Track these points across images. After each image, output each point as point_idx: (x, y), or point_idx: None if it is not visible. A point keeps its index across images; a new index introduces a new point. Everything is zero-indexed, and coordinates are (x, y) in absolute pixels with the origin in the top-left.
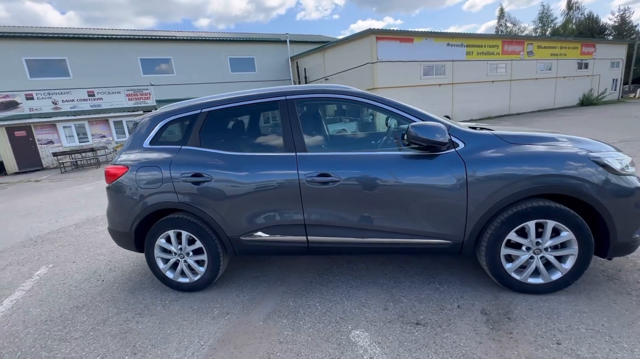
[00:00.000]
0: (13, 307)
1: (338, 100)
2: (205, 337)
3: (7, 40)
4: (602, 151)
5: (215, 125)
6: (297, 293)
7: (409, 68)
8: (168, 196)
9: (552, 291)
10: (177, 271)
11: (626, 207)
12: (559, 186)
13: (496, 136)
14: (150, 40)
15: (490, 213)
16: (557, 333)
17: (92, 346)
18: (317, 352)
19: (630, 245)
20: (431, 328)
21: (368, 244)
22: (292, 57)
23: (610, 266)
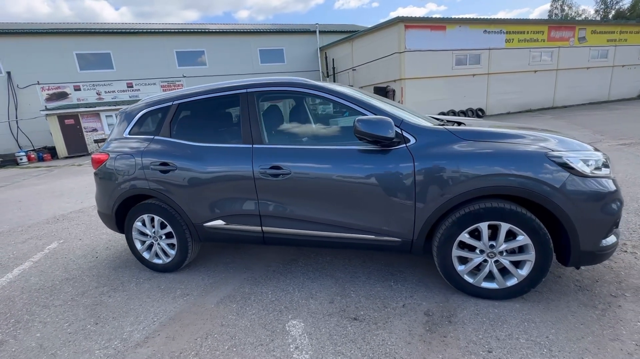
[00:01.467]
0: (19, 275)
1: (293, 93)
2: (160, 314)
3: (61, 36)
4: (566, 150)
5: (184, 116)
6: (256, 281)
7: (440, 58)
8: (141, 183)
9: (507, 298)
10: (152, 253)
11: (590, 212)
12: (509, 187)
13: (449, 132)
14: (185, 34)
15: (439, 213)
16: (493, 341)
17: (66, 314)
18: (250, 337)
19: (596, 254)
20: (366, 325)
21: (320, 237)
22: (321, 47)
23: (588, 276)
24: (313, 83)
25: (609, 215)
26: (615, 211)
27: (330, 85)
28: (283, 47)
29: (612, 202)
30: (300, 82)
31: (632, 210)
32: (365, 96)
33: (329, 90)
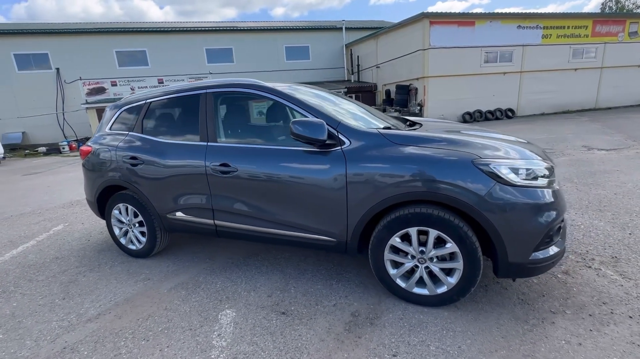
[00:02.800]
0: (21, 252)
1: (245, 94)
2: (118, 295)
3: (103, 35)
4: (498, 158)
5: (153, 114)
6: (212, 271)
7: (467, 55)
8: (116, 175)
9: (437, 305)
10: (127, 239)
11: (518, 223)
12: (433, 193)
13: (381, 135)
14: (215, 32)
15: (369, 215)
16: (403, 345)
17: (43, 288)
18: (184, 322)
19: (527, 266)
20: (291, 319)
21: (265, 234)
22: (346, 44)
23: (537, 290)
24: (261, 85)
25: (539, 227)
26: (545, 223)
27: (278, 87)
28: (309, 44)
29: (542, 214)
30: (250, 84)
31: (620, 224)
32: (311, 98)
33: (275, 91)
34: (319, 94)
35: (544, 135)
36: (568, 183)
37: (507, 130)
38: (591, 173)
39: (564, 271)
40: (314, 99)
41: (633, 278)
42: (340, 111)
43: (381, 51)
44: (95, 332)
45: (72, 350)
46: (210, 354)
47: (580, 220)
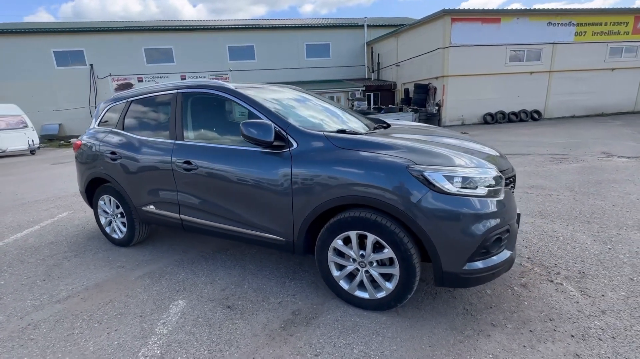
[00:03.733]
0: (24, 235)
1: (212, 95)
2: (91, 280)
3: (133, 33)
4: (434, 165)
5: (133, 112)
6: (180, 263)
7: (491, 54)
8: (99, 168)
9: (376, 309)
10: (111, 228)
11: (450, 232)
12: (368, 198)
13: (326, 137)
14: (237, 29)
15: (312, 217)
16: (328, 346)
17: (30, 270)
18: (138, 309)
19: (461, 277)
20: (233, 313)
21: (223, 230)
22: (367, 42)
23: (486, 301)
24: (223, 86)
25: (473, 237)
26: (480, 233)
27: (241, 90)
28: (329, 41)
29: (477, 224)
30: (214, 85)
31: (603, 238)
32: (268, 101)
33: (236, 93)
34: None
35: (564, 139)
36: (567, 192)
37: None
38: (597, 182)
39: (523, 283)
40: (273, 102)
41: (593, 295)
42: (303, 114)
43: (401, 49)
44: (60, 312)
45: (34, 327)
46: (149, 340)
47: (561, 231)
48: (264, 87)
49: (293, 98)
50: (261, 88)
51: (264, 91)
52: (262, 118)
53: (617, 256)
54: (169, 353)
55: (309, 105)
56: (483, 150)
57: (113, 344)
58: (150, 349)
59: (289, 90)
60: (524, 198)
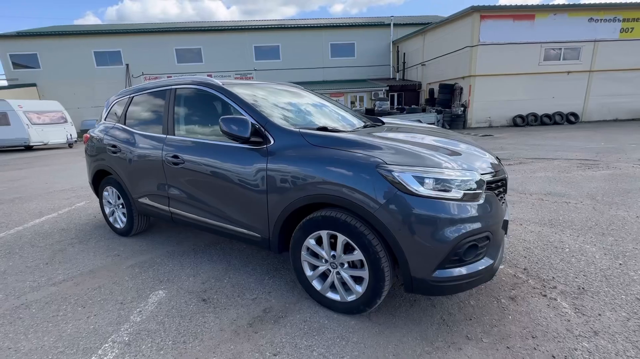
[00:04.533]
0: (42, 221)
1: (199, 91)
2: (88, 265)
3: (163, 34)
4: (404, 164)
5: (134, 107)
6: (171, 254)
7: (523, 52)
8: (103, 161)
9: (347, 313)
10: (113, 218)
11: (420, 236)
12: (334, 197)
13: (300, 134)
14: (263, 29)
15: (285, 214)
16: (289, 347)
17: (37, 254)
18: (121, 296)
19: (431, 284)
20: (207, 307)
21: (207, 224)
22: (394, 41)
23: (467, 312)
24: (210, 83)
25: (442, 243)
26: (450, 239)
27: (227, 86)
28: (354, 40)
29: (448, 229)
30: (201, 81)
31: (615, 252)
32: (253, 98)
33: (220, 89)
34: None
35: (598, 144)
36: (587, 200)
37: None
38: (624, 192)
39: (512, 296)
40: (259, 99)
41: (588, 314)
42: (292, 111)
43: (428, 48)
44: (52, 295)
45: (26, 307)
46: (122, 327)
47: (569, 243)
48: (256, 84)
49: (286, 95)
50: (251, 86)
51: (253, 88)
52: (244, 114)
53: (627, 272)
54: (136, 340)
55: (302, 103)
56: (474, 152)
57: (89, 328)
58: (120, 336)
59: (285, 88)
60: (536, 206)
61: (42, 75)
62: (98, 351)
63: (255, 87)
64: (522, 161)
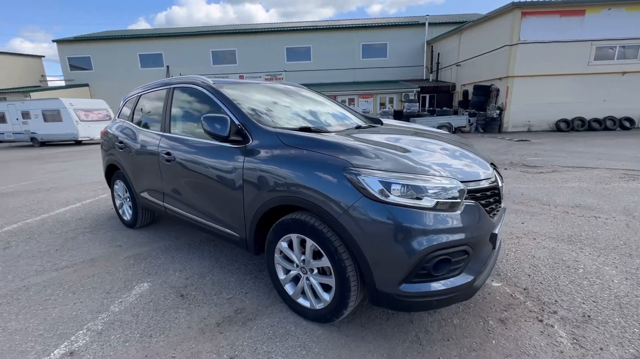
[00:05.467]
0: (66, 210)
1: (192, 90)
2: (90, 253)
3: (201, 37)
4: (373, 169)
5: (140, 105)
6: (167, 249)
7: (570, 51)
8: (112, 156)
9: (316, 321)
10: (122, 210)
11: (384, 246)
12: (302, 199)
13: (276, 134)
14: (295, 31)
15: (259, 215)
16: (248, 351)
17: (51, 240)
18: (109, 285)
19: (396, 299)
20: (182, 303)
21: (193, 220)
22: (428, 40)
23: (447, 331)
24: (201, 82)
25: (407, 255)
26: (416, 251)
27: (216, 85)
28: (387, 41)
29: (414, 239)
30: (192, 80)
31: (639, 277)
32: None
33: (208, 87)
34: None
35: None
36: (621, 216)
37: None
38: None
39: (502, 318)
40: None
41: (587, 347)
42: (283, 111)
43: (463, 48)
44: (51, 279)
45: (26, 289)
46: (100, 315)
47: (585, 262)
48: (252, 83)
49: (281, 95)
50: (244, 85)
51: (245, 88)
52: (227, 113)
53: None
54: (107, 330)
55: (297, 103)
56: (464, 158)
57: (71, 314)
58: (95, 324)
59: (283, 88)
60: (558, 219)
61: (93, 76)
62: (71, 338)
63: (249, 86)
64: (555, 169)
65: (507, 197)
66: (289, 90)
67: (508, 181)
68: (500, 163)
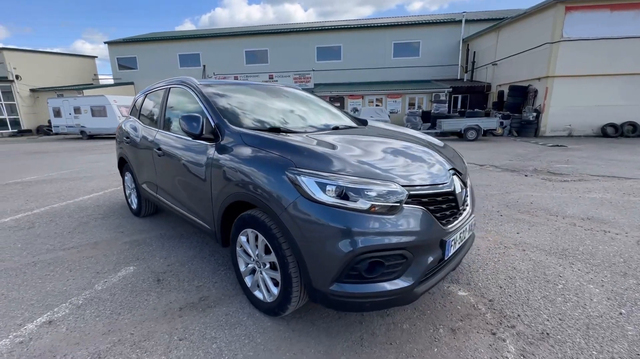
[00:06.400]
0: (88, 198)
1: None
2: (96, 237)
3: (235, 37)
4: (312, 169)
5: (145, 104)
6: (162, 237)
7: (622, 49)
8: (121, 150)
9: (268, 314)
10: (130, 200)
11: (317, 245)
12: (252, 197)
13: (239, 134)
14: (325, 30)
15: (222, 209)
16: (196, 335)
17: (68, 223)
18: (101, 266)
19: (329, 298)
20: (155, 286)
21: (178, 212)
22: (464, 38)
23: (393, 336)
24: (187, 82)
25: (336, 255)
26: (345, 252)
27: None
28: (420, 39)
29: (345, 240)
30: (182, 80)
31: (625, 299)
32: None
33: (192, 86)
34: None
35: None
36: (635, 232)
37: None
38: None
39: (455, 327)
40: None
41: None
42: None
43: (501, 46)
44: (57, 258)
45: (34, 265)
46: (84, 292)
47: (569, 279)
48: (240, 84)
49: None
50: (230, 86)
51: (229, 88)
52: (206, 112)
53: (622, 325)
54: (85, 305)
55: (285, 104)
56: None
57: (62, 289)
58: (78, 299)
59: (272, 88)
60: (560, 231)
61: (138, 75)
62: (54, 309)
63: (235, 87)
64: (583, 178)
65: (514, 205)
66: (277, 91)
67: (522, 188)
68: (522, 169)
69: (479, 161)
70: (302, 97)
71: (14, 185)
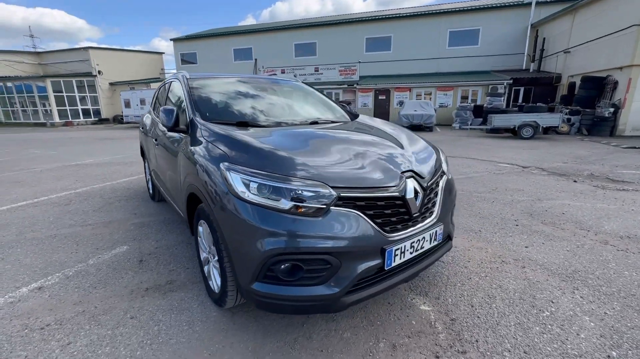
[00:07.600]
0: (124, 181)
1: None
2: (111, 216)
3: (284, 31)
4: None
5: (159, 96)
6: (165, 222)
7: None
8: (141, 139)
9: (216, 304)
10: (148, 186)
11: (240, 242)
12: (198, 190)
13: (202, 128)
14: (375, 20)
15: (186, 201)
16: (146, 317)
17: (97, 203)
18: (102, 243)
19: (253, 296)
20: (136, 266)
21: (167, 199)
22: (533, 23)
23: (329, 344)
24: (180, 78)
25: (253, 254)
26: (262, 251)
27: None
28: (480, 26)
29: (262, 240)
30: (179, 76)
31: (619, 333)
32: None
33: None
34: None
35: None
36: None
37: None
38: None
39: (398, 343)
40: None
41: None
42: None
43: (577, 30)
44: (73, 233)
45: (54, 237)
46: (78, 264)
47: (565, 306)
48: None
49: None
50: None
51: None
52: (186, 105)
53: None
54: (73, 276)
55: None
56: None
57: (63, 260)
58: (69, 270)
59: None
60: (582, 249)
61: (197, 69)
62: (48, 277)
63: (222, 81)
64: None
65: (539, 215)
66: (265, 84)
67: (560, 196)
68: (574, 173)
69: (524, 162)
70: (293, 90)
71: (73, 167)
